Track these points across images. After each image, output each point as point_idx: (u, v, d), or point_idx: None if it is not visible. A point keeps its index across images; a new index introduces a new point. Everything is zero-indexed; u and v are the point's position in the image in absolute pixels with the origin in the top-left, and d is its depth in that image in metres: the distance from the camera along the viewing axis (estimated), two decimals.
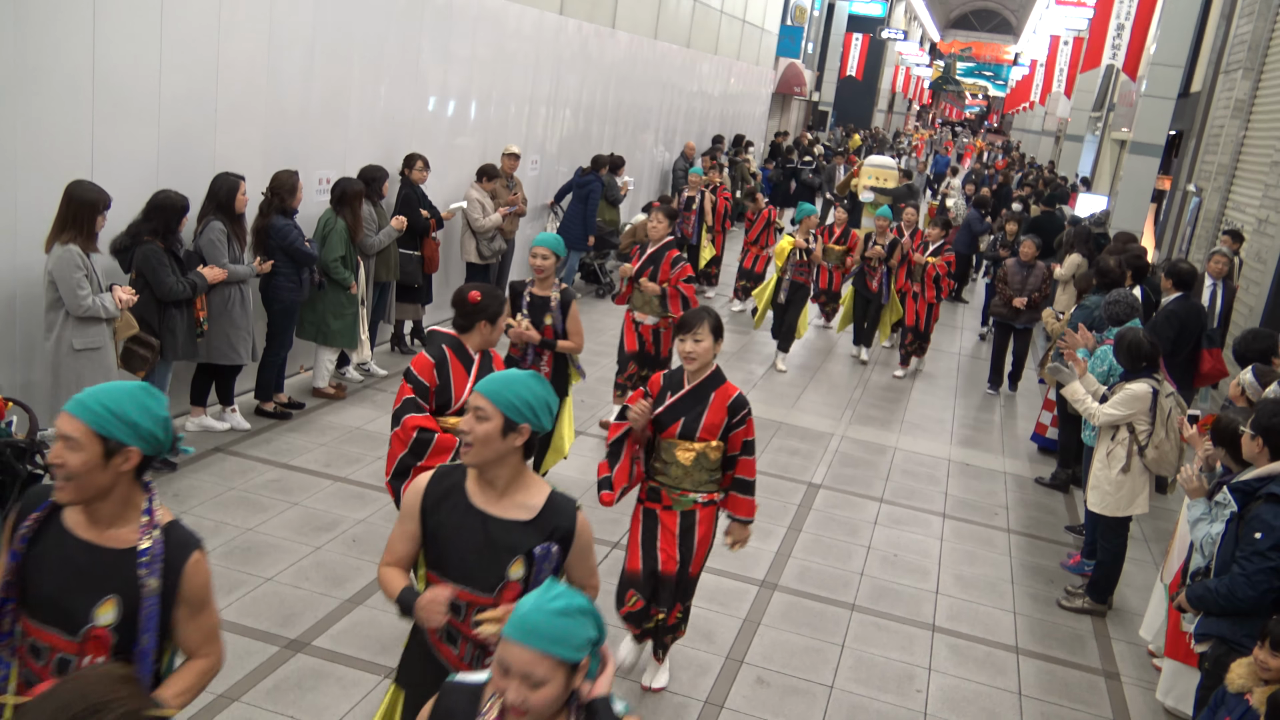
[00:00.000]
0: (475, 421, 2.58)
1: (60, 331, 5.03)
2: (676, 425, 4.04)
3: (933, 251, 9.99)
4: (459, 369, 4.30)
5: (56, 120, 5.38)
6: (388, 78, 8.20)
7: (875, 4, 33.74)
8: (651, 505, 4.21)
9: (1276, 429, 3.89)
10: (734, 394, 4.06)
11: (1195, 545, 4.32)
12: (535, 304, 5.61)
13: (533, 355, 5.63)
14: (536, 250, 5.48)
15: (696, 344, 3.96)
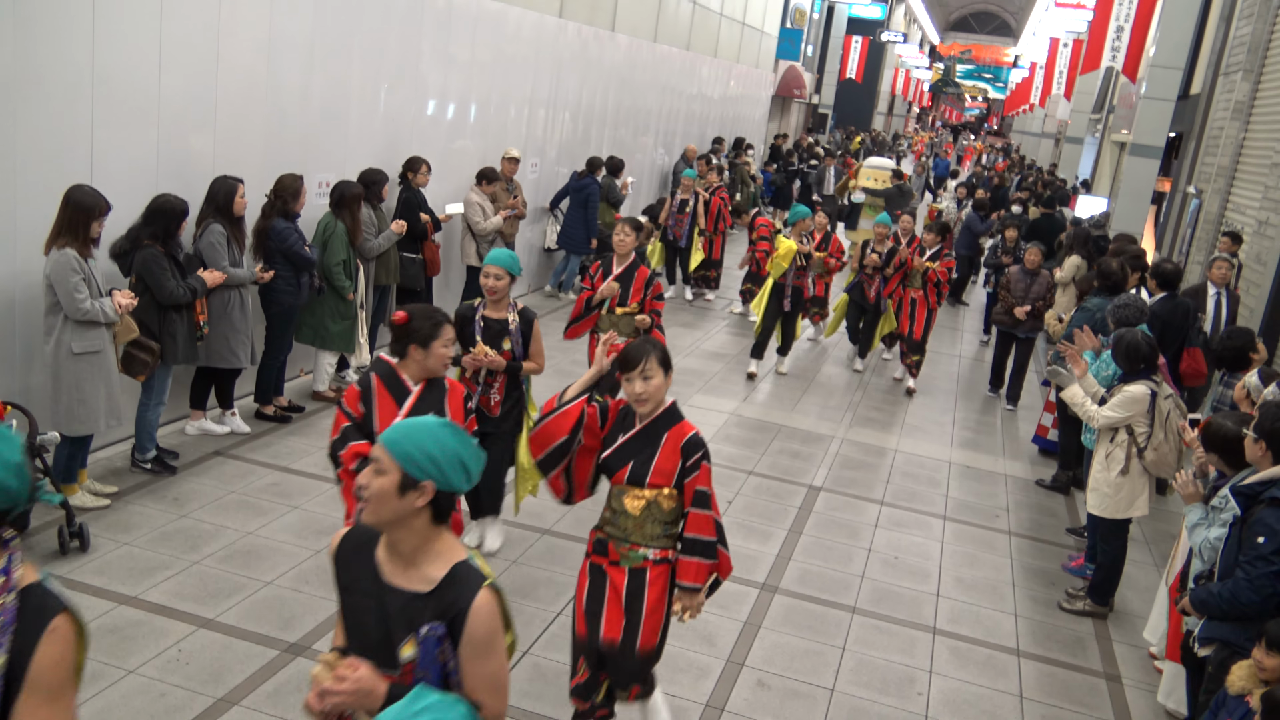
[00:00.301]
0: (372, 474, 2.23)
1: (59, 335, 5.03)
2: (625, 469, 3.57)
3: (931, 256, 9.64)
4: (386, 401, 3.81)
5: (56, 123, 5.38)
6: (387, 81, 8.21)
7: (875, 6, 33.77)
8: (599, 560, 3.70)
9: (1279, 433, 3.87)
10: (689, 434, 3.56)
11: (1194, 550, 4.31)
12: (490, 329, 4.99)
13: (484, 386, 5.06)
14: (489, 269, 4.89)
15: (647, 383, 3.47)
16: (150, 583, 4.75)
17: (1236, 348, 5.96)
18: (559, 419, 3.58)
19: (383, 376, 3.89)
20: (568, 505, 3.87)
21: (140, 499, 5.57)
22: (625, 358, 3.48)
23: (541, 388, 5.79)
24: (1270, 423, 3.90)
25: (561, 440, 3.58)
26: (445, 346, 3.90)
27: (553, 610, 4.97)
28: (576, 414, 3.57)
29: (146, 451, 5.86)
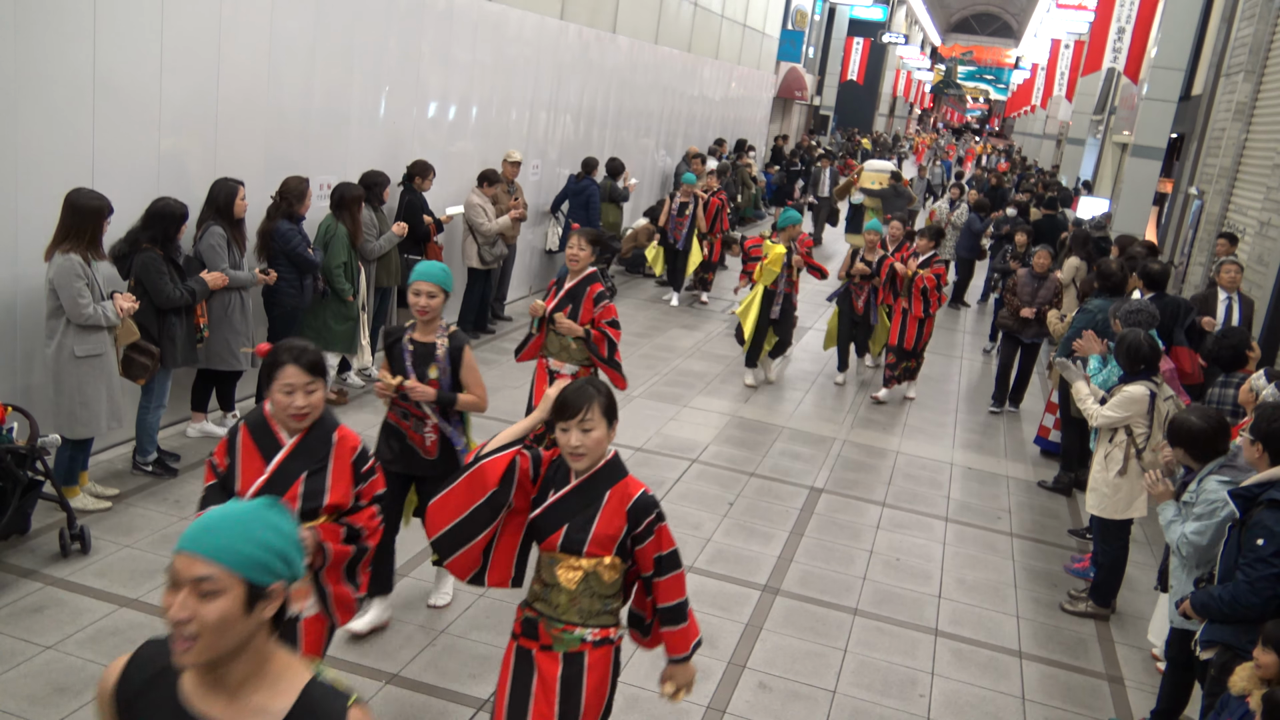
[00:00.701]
0: (198, 601, 1.67)
1: (62, 339, 5.03)
2: (558, 534, 2.97)
3: (922, 263, 9.15)
4: (251, 456, 3.20)
5: (57, 126, 5.39)
6: (388, 83, 8.21)
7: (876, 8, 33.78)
8: (527, 643, 3.08)
9: (1276, 434, 3.87)
10: (636, 494, 2.98)
11: (1172, 547, 4.34)
12: (418, 353, 4.39)
13: (415, 421, 4.45)
14: (420, 286, 4.26)
15: (585, 435, 2.90)
16: (152, 585, 4.75)
17: (1232, 346, 5.96)
18: (474, 478, 2.93)
19: (251, 426, 3.24)
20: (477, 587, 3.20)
21: (141, 501, 5.57)
22: (563, 403, 2.92)
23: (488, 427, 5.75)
24: (1266, 424, 3.90)
25: (478, 504, 2.93)
26: (285, 393, 3.14)
27: None
28: (503, 466, 2.93)
29: (147, 454, 5.86)
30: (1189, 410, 4.51)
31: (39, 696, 3.91)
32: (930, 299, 9.07)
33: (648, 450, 7.27)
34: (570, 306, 5.74)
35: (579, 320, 5.71)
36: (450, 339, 4.40)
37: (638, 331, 10.62)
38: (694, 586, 5.35)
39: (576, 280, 5.79)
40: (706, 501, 6.54)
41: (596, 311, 5.72)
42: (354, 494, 3.29)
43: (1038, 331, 9.09)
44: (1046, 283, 9.14)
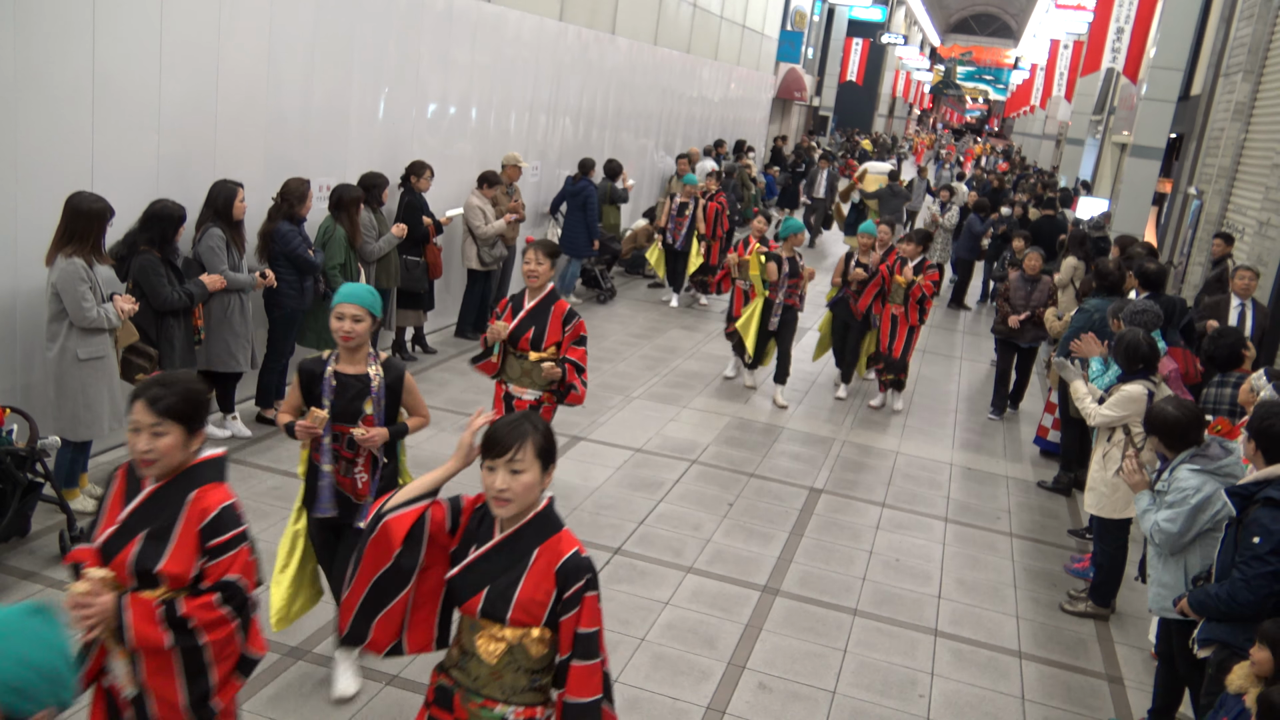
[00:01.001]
0: None
1: (64, 342, 5.03)
2: (478, 598, 2.59)
3: (914, 269, 8.80)
4: (116, 500, 2.84)
5: (56, 127, 5.39)
6: (388, 84, 8.22)
7: (875, 9, 33.79)
8: (440, 714, 2.72)
9: (1269, 432, 3.89)
10: (568, 553, 2.59)
11: (1147, 536, 4.43)
12: (345, 387, 3.87)
13: (344, 463, 3.96)
14: (343, 309, 3.78)
15: (514, 478, 2.52)
16: None
17: (1228, 346, 5.97)
18: (377, 542, 2.58)
19: (129, 467, 2.85)
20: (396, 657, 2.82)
21: None
22: (491, 439, 2.54)
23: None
24: (1259, 422, 3.93)
25: (384, 570, 2.60)
26: (132, 430, 2.71)
27: None
28: (409, 523, 2.58)
29: None
30: (1166, 401, 4.59)
31: None
32: (926, 307, 8.87)
33: (647, 451, 7.27)
34: (533, 329, 5.26)
35: (544, 342, 5.27)
36: (386, 369, 3.92)
37: (637, 333, 10.62)
38: (694, 587, 5.37)
39: (539, 299, 5.29)
40: (706, 502, 6.54)
41: (567, 331, 5.26)
42: (195, 570, 2.68)
43: (1034, 335, 8.98)
44: (1039, 285, 9.02)
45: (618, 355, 9.62)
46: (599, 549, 5.69)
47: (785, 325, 8.72)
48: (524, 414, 2.63)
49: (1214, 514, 4.24)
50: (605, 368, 9.16)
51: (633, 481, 6.71)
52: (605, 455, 7.09)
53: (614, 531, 5.93)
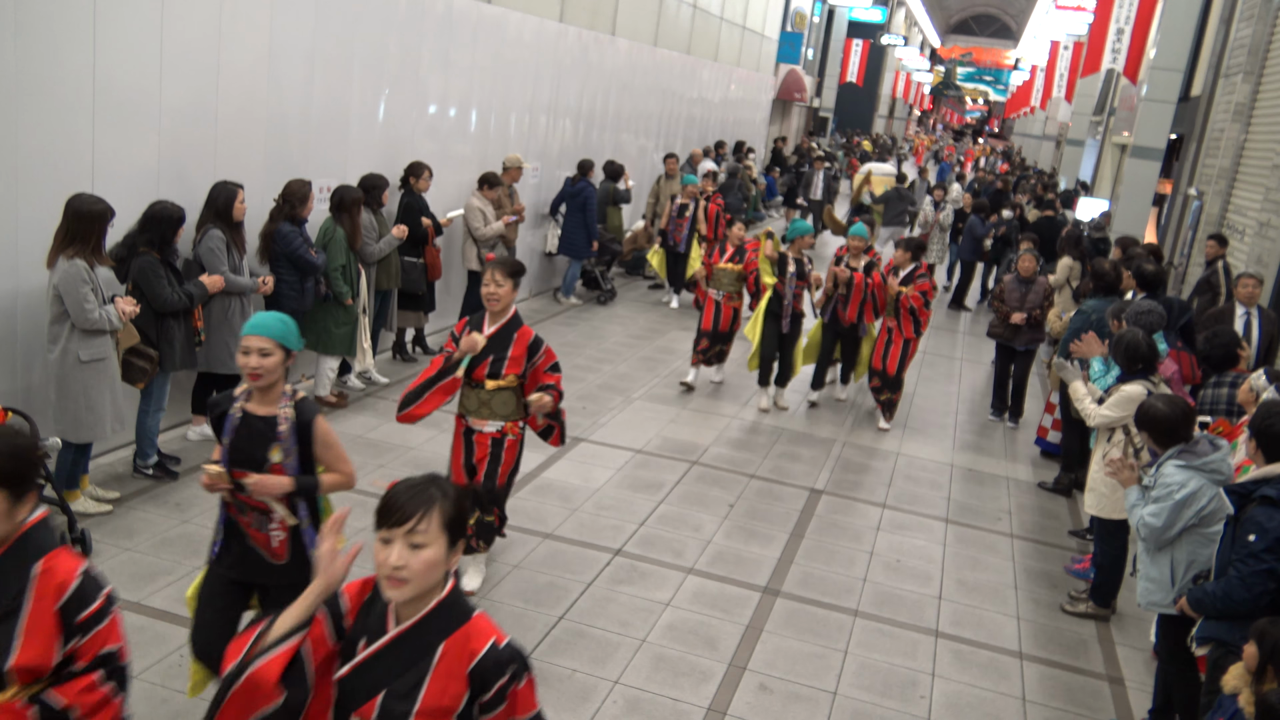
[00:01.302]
0: None
1: (66, 344, 5.04)
2: (373, 704, 2.18)
3: (904, 279, 8.29)
4: None
5: (57, 130, 5.40)
6: (388, 86, 8.22)
7: (875, 10, 33.79)
8: None
9: (1269, 432, 3.92)
10: (484, 648, 2.19)
11: (1134, 529, 4.49)
12: (251, 428, 3.39)
13: (257, 516, 3.47)
14: (249, 342, 3.29)
15: (414, 554, 2.12)
16: (152, 588, 4.76)
17: (1223, 345, 5.99)
18: (244, 693, 2.14)
19: None
20: None
21: (142, 504, 5.57)
22: (388, 505, 2.15)
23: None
24: (1260, 422, 3.96)
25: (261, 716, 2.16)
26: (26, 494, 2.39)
27: (554, 614, 4.97)
28: (280, 666, 2.14)
29: (148, 457, 5.87)
30: (1156, 397, 4.64)
31: None
32: (921, 318, 8.34)
33: (648, 452, 7.27)
34: (492, 357, 4.72)
35: (504, 370, 4.72)
36: (297, 409, 3.40)
37: (637, 334, 10.62)
38: (694, 588, 5.37)
39: (500, 324, 4.75)
40: (707, 503, 6.54)
41: (537, 361, 4.76)
42: (60, 653, 2.34)
43: (1030, 338, 8.79)
44: (1035, 287, 8.81)
45: (618, 356, 9.62)
46: (600, 550, 5.69)
47: (795, 330, 8.41)
48: (430, 477, 2.23)
49: (1199, 510, 4.29)
50: (605, 369, 9.16)
51: (633, 482, 6.71)
52: (606, 456, 7.09)
53: (614, 532, 5.93)
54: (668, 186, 12.63)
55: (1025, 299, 8.76)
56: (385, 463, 6.49)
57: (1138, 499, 4.49)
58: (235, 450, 3.39)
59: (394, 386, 7.95)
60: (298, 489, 3.42)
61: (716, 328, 8.74)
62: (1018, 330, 8.74)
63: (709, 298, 8.81)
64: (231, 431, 3.39)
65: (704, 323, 8.78)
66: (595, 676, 4.51)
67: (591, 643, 4.77)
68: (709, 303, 8.79)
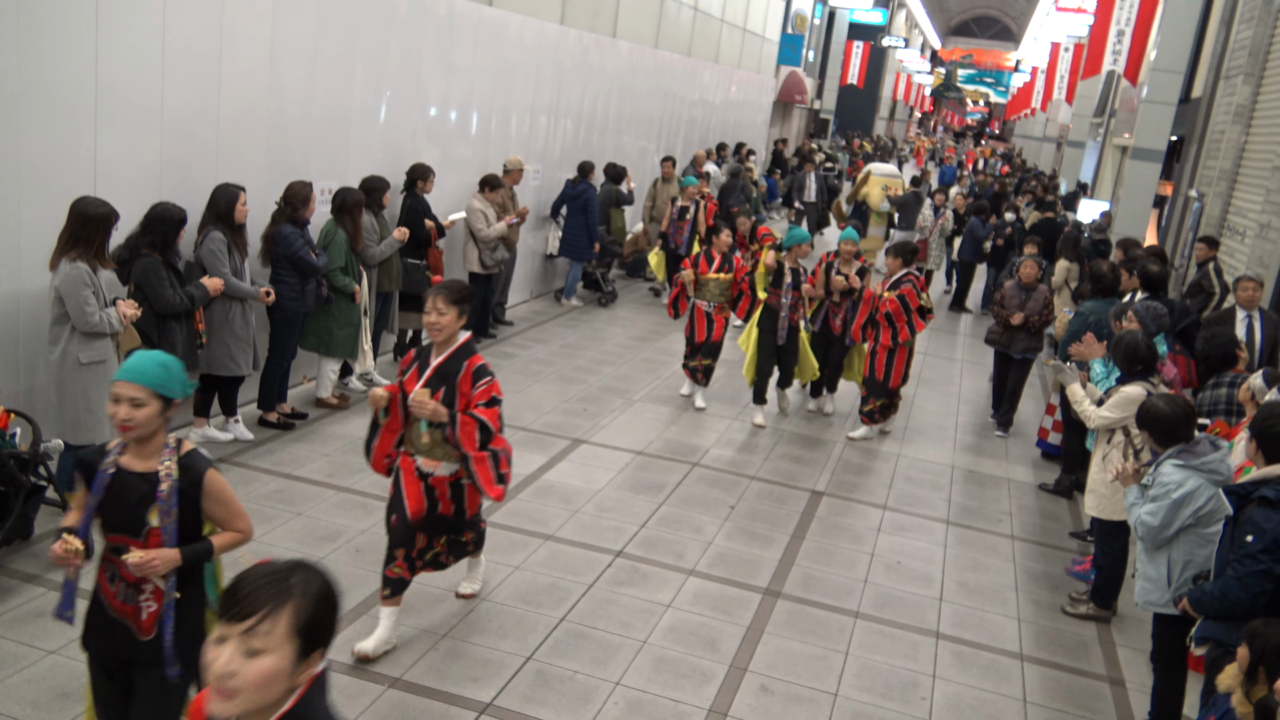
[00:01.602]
0: None
1: (66, 346, 5.05)
2: None
3: (892, 284, 7.93)
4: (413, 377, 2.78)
5: (59, 132, 5.41)
6: (389, 88, 8.23)
7: (875, 12, 33.82)
8: None
9: (1268, 433, 3.93)
10: None
11: (1132, 528, 4.51)
12: (125, 486, 2.94)
13: (125, 589, 2.99)
14: (119, 390, 2.86)
15: (247, 661, 1.77)
16: None
17: (1222, 345, 6.00)
18: None
19: None
20: None
21: None
22: (230, 593, 1.82)
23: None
24: (1261, 422, 3.97)
25: None
26: None
27: (555, 616, 4.98)
28: None
29: None
30: (1157, 397, 4.65)
31: (42, 701, 3.92)
32: (898, 324, 7.85)
33: (649, 454, 7.27)
34: (443, 390, 4.26)
35: (456, 405, 4.25)
36: (182, 465, 2.96)
37: (638, 336, 10.63)
38: (695, 590, 5.38)
39: (448, 354, 4.29)
40: (708, 505, 6.55)
41: (475, 391, 4.26)
42: None
43: (1027, 345, 8.53)
44: (1035, 294, 8.56)
45: (619, 358, 9.62)
46: (601, 551, 5.70)
47: (791, 343, 8.00)
48: (296, 565, 1.89)
49: (1196, 510, 4.30)
50: (606, 370, 9.17)
51: (634, 484, 6.72)
52: (606, 458, 7.10)
53: (616, 534, 5.94)
54: (665, 189, 12.63)
55: (1025, 306, 8.53)
56: None
57: (1136, 498, 4.51)
58: (108, 512, 2.93)
59: None
60: (186, 560, 2.94)
61: (709, 339, 8.26)
62: (1014, 336, 8.49)
63: (698, 308, 8.31)
64: (102, 490, 2.91)
65: (697, 335, 8.32)
66: (596, 678, 4.51)
67: (593, 644, 4.77)
68: (698, 314, 8.30)
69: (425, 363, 4.34)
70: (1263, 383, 5.26)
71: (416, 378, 4.29)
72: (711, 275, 8.26)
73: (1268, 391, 5.20)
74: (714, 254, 8.30)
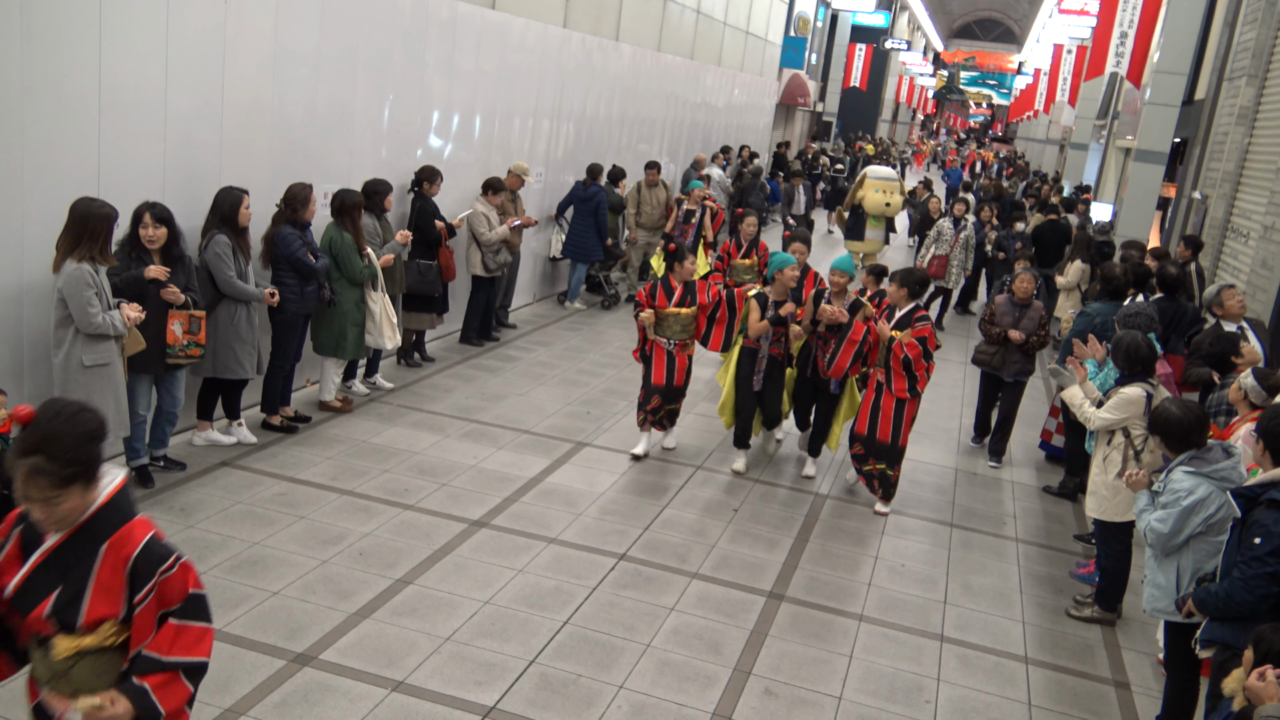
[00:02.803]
0: None
1: (70, 348, 5.05)
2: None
3: (900, 321, 6.63)
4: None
5: (64, 137, 5.42)
6: (392, 92, 8.24)
7: (878, 14, 33.84)
8: None
9: (1277, 433, 3.91)
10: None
11: (1142, 534, 4.49)
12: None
13: None
14: None
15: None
16: None
17: (1225, 342, 6.01)
18: None
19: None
20: None
21: (147, 509, 5.55)
22: None
23: None
24: (1267, 422, 3.96)
25: None
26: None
27: (559, 619, 4.97)
28: None
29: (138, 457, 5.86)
30: (1171, 401, 4.62)
31: None
32: (917, 373, 6.54)
33: (652, 457, 7.26)
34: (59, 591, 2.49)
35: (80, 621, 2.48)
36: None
37: None
38: (699, 593, 5.37)
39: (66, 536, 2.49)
40: (711, 508, 6.54)
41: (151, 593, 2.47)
42: None
43: (1020, 368, 7.71)
44: (1030, 311, 7.69)
45: (621, 361, 9.62)
46: (604, 555, 5.69)
47: (771, 379, 6.98)
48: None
49: (1206, 517, 4.28)
50: (609, 373, 9.17)
51: (637, 487, 6.71)
52: (610, 461, 7.09)
53: (619, 537, 5.93)
54: (649, 195, 12.19)
55: (1019, 324, 7.73)
56: (390, 468, 6.50)
57: (1147, 504, 4.49)
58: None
59: (399, 391, 7.96)
60: None
61: (670, 383, 7.03)
62: (1007, 358, 7.70)
63: (659, 347, 7.06)
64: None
65: (654, 377, 7.05)
66: (600, 681, 4.51)
67: (596, 648, 4.77)
68: (659, 354, 7.05)
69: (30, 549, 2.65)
70: (1254, 381, 5.26)
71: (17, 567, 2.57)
72: (671, 309, 6.97)
73: (1263, 392, 5.20)
74: (674, 283, 7.01)
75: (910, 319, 6.61)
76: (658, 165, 12.46)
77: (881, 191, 15.25)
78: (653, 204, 12.20)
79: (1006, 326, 7.73)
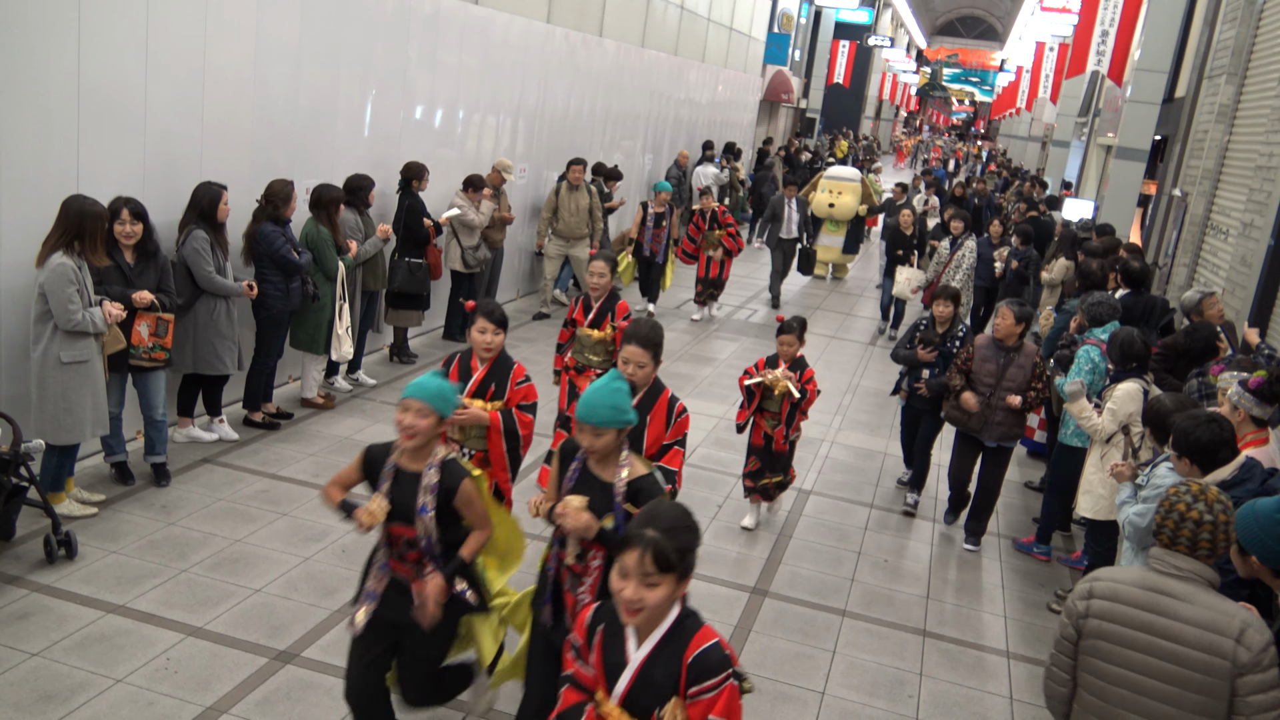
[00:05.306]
0: None
1: (48, 344, 5.00)
2: None
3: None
4: None
5: (43, 131, 5.36)
6: (375, 87, 8.20)
7: (862, 11, 33.89)
8: None
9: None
10: None
11: (1120, 526, 4.49)
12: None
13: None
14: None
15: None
16: (138, 591, 4.73)
17: (1203, 339, 6.05)
18: None
19: None
20: None
21: (128, 507, 5.54)
22: None
23: None
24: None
25: None
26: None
27: None
28: None
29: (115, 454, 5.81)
30: (1165, 396, 4.65)
31: (25, 704, 3.89)
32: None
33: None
34: None
35: None
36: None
37: None
38: None
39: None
40: (695, 504, 6.53)
41: None
42: None
43: (1006, 431, 6.04)
44: (1020, 357, 5.99)
45: None
46: None
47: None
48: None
49: None
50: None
51: None
52: None
53: None
54: (569, 200, 10.52)
55: (1003, 372, 5.99)
56: None
57: (1128, 497, 4.49)
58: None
59: (381, 388, 7.93)
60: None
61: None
62: (989, 417, 6.02)
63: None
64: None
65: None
66: None
67: None
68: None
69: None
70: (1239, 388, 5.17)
71: None
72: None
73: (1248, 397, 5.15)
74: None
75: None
76: (583, 162, 10.70)
77: (828, 191, 14.20)
78: (572, 209, 10.48)
79: (986, 379, 5.98)
